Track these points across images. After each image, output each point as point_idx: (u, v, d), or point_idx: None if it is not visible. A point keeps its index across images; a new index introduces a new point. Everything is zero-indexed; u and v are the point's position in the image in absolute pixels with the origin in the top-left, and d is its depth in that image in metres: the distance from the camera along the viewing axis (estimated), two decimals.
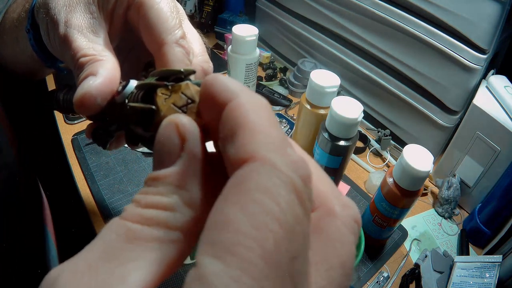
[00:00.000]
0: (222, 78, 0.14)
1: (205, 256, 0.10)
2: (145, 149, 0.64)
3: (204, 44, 0.29)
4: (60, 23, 0.25)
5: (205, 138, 0.15)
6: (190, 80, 0.18)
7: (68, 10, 0.25)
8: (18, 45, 0.33)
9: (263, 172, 0.11)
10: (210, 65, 0.28)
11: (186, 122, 0.14)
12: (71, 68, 0.26)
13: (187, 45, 0.25)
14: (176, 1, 0.27)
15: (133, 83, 0.21)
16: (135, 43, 0.30)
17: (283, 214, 0.10)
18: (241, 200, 0.10)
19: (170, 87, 0.17)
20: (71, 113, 0.30)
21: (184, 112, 0.16)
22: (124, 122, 0.22)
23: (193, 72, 0.18)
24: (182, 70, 0.18)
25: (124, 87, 0.21)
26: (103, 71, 0.23)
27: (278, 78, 0.88)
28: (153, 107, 0.17)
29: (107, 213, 0.55)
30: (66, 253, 0.50)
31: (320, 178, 0.15)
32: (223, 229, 0.10)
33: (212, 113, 0.14)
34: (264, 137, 0.12)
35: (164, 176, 0.14)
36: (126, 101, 0.21)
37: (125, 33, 0.28)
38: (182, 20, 0.27)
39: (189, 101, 0.16)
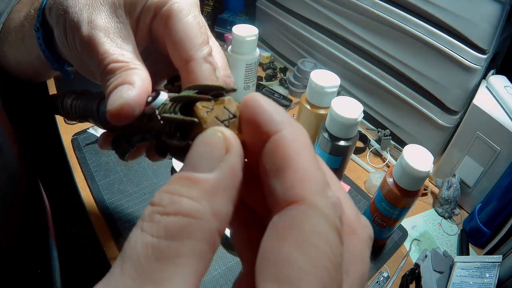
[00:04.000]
0: (264, 103, 0.15)
1: None
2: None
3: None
4: (82, 23, 0.23)
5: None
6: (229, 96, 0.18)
7: (91, 10, 0.24)
8: (24, 45, 0.32)
9: (314, 217, 0.13)
10: (232, 79, 0.28)
11: (232, 135, 0.15)
12: (93, 74, 0.24)
13: (213, 61, 0.25)
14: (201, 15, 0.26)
15: (163, 95, 0.21)
16: (152, 52, 0.29)
17: (334, 254, 0.12)
18: (299, 242, 0.12)
19: (213, 101, 0.17)
20: (77, 120, 0.29)
21: (227, 126, 0.16)
22: (153, 133, 0.21)
23: (234, 90, 0.18)
24: (224, 87, 0.18)
25: (155, 98, 0.21)
26: (139, 81, 0.22)
27: (278, 78, 0.88)
28: (196, 119, 0.17)
29: (107, 213, 0.55)
30: (66, 253, 0.50)
31: (345, 201, 0.16)
32: (286, 267, 0.12)
33: (251, 133, 0.15)
34: (311, 181, 0.13)
35: (202, 180, 0.13)
36: (157, 112, 0.20)
37: (148, 43, 0.27)
38: (209, 35, 0.26)
39: (231, 116, 0.17)
